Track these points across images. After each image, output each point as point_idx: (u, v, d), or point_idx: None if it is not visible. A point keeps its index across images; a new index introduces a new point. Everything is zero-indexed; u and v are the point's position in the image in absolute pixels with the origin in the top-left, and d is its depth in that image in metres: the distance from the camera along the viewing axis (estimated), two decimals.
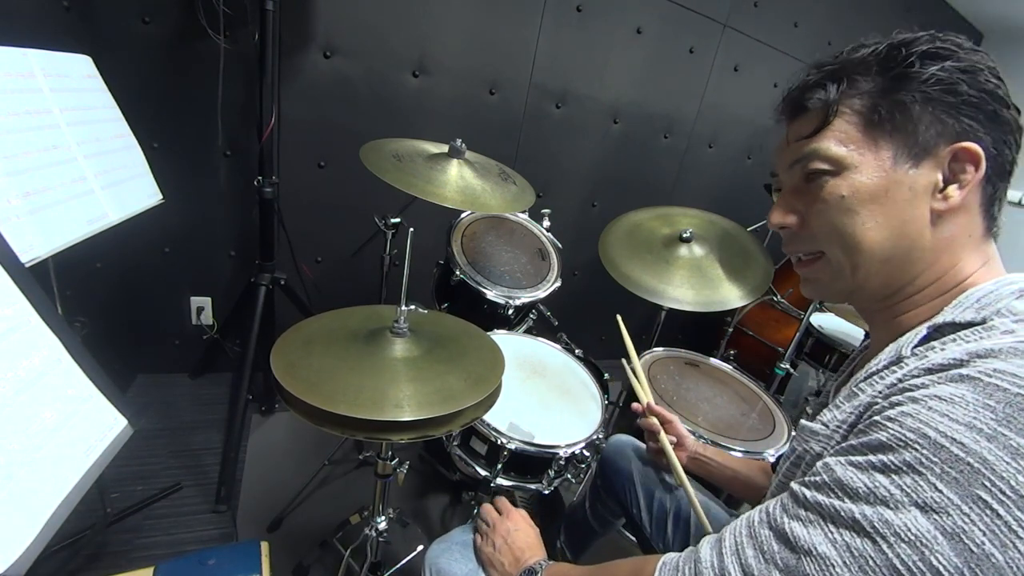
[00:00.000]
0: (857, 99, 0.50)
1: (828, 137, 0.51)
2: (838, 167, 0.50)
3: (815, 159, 0.52)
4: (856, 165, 0.50)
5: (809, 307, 1.69)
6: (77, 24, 1.29)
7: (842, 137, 0.50)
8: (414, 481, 1.59)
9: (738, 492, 0.94)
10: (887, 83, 0.49)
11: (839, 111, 0.50)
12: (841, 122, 0.50)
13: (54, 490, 0.60)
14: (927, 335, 0.47)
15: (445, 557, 0.80)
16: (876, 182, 0.49)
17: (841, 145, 0.50)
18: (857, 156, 0.50)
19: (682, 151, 2.27)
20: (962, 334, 0.44)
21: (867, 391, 0.47)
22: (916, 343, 0.47)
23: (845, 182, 0.50)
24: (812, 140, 0.52)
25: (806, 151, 0.52)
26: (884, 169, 0.49)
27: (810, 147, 0.52)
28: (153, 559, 0.76)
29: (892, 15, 2.39)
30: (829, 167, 0.51)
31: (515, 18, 1.75)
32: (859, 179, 0.49)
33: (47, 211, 0.85)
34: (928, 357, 0.44)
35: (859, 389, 0.48)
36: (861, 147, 0.50)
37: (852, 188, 0.50)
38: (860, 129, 0.50)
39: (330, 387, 0.71)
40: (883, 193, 0.49)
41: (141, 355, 1.76)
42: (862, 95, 0.50)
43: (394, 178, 1.04)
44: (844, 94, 0.50)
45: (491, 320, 1.41)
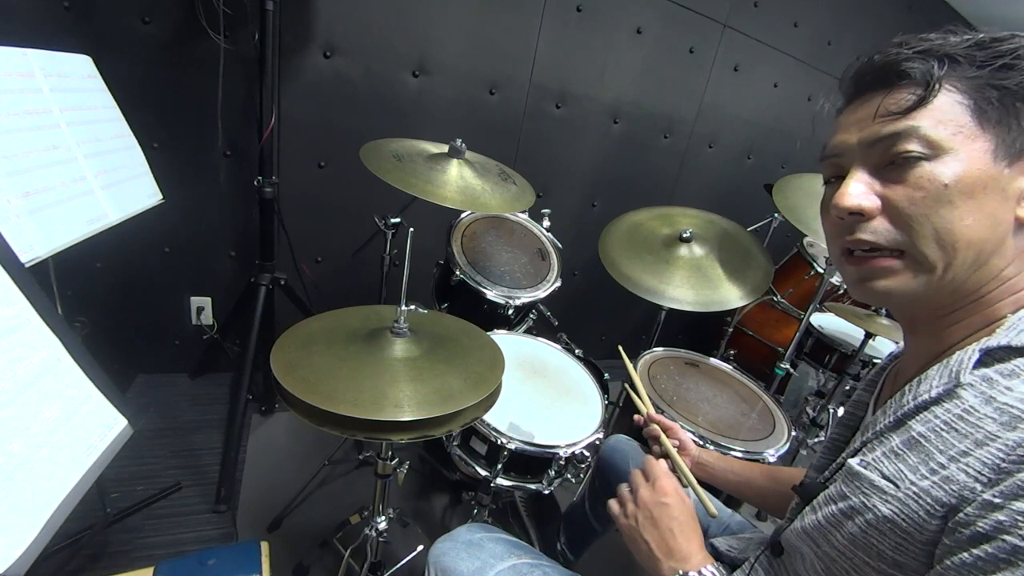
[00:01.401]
0: (960, 81, 0.45)
1: (929, 116, 0.45)
2: (936, 151, 0.45)
3: (912, 139, 0.45)
4: (957, 151, 0.44)
5: (809, 307, 1.69)
6: (77, 24, 1.29)
7: (943, 118, 0.45)
8: (414, 481, 1.59)
9: (740, 495, 0.93)
10: (995, 71, 0.44)
11: (942, 88, 0.45)
12: (945, 100, 0.45)
13: (54, 490, 0.60)
14: (980, 359, 0.44)
15: (450, 555, 0.79)
16: (977, 175, 0.44)
17: (943, 126, 0.44)
18: (958, 142, 0.44)
19: (682, 151, 2.27)
20: (1022, 364, 0.42)
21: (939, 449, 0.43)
22: (971, 368, 0.44)
23: (947, 169, 0.44)
24: (907, 117, 0.46)
25: (900, 128, 0.46)
26: (984, 162, 0.44)
27: (905, 124, 0.46)
28: (153, 559, 0.76)
29: (892, 15, 2.39)
30: (926, 150, 0.45)
31: (515, 18, 1.75)
32: (960, 168, 0.44)
33: (47, 211, 0.85)
34: (996, 401, 0.41)
35: (921, 436, 0.45)
36: (964, 132, 0.44)
37: (955, 176, 0.44)
38: (965, 112, 0.44)
39: (330, 387, 0.71)
40: (982, 188, 0.44)
41: (141, 355, 1.76)
42: (965, 78, 0.45)
43: (394, 178, 1.04)
44: (946, 73, 0.45)
45: (491, 320, 1.41)
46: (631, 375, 1.01)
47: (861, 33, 2.31)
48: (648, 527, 0.64)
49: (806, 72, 2.31)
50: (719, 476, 0.93)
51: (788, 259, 2.23)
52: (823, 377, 2.12)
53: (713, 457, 0.95)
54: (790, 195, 1.50)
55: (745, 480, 0.91)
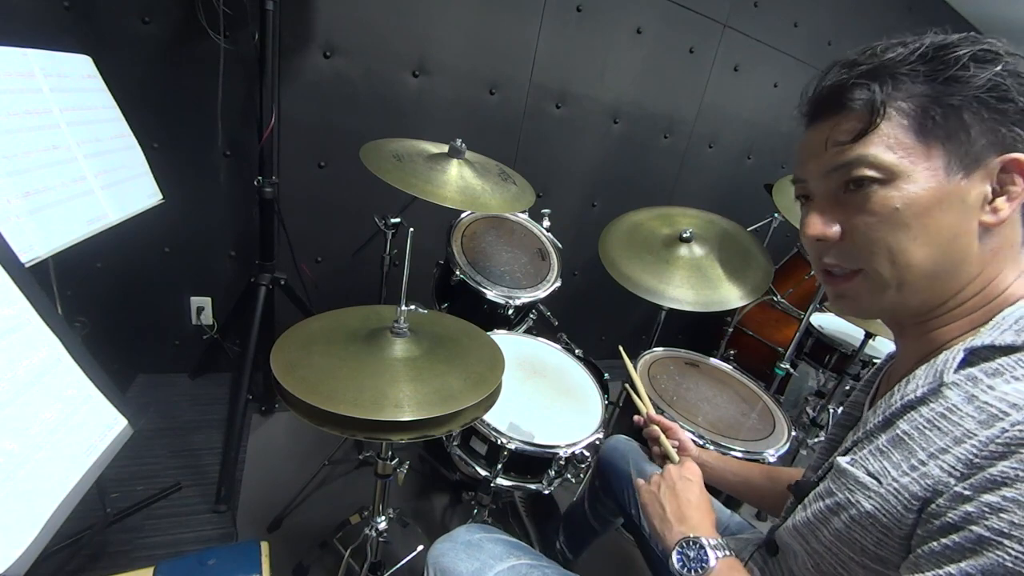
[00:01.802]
0: (905, 102, 0.45)
1: (875, 142, 0.46)
2: (888, 175, 0.46)
3: (862, 166, 0.47)
4: (908, 174, 0.45)
5: (809, 307, 1.69)
6: (77, 24, 1.29)
7: (891, 142, 0.46)
8: (414, 481, 1.59)
9: (739, 495, 0.93)
10: (938, 86, 0.45)
11: (886, 113, 0.46)
12: (889, 126, 0.46)
13: (54, 490, 0.60)
14: (965, 358, 0.45)
15: (449, 556, 0.80)
16: (930, 193, 0.45)
17: (891, 151, 0.46)
18: (908, 164, 0.45)
19: (682, 151, 2.27)
20: (1005, 363, 0.43)
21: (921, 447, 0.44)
22: (955, 367, 0.45)
23: (898, 192, 0.46)
24: (856, 145, 0.47)
25: (850, 157, 0.47)
26: (937, 179, 0.45)
27: (855, 153, 0.47)
28: (153, 559, 0.76)
29: (893, 15, 2.39)
30: (878, 175, 0.46)
31: (515, 18, 1.75)
32: (912, 189, 0.45)
33: (47, 211, 0.85)
34: (978, 399, 0.42)
35: (905, 435, 0.46)
36: (912, 154, 0.45)
37: (906, 199, 0.45)
38: (911, 134, 0.45)
39: (330, 387, 0.71)
40: (936, 205, 0.45)
41: (141, 355, 1.76)
42: (911, 97, 0.45)
43: (394, 178, 1.04)
44: (890, 95, 0.46)
45: (491, 320, 1.41)
46: (631, 375, 1.01)
47: (861, 33, 2.31)
48: (668, 495, 0.68)
49: (806, 72, 2.31)
50: (718, 476, 0.93)
51: (788, 259, 2.23)
52: (823, 377, 2.12)
53: (712, 457, 0.95)
54: (790, 195, 1.49)
55: (744, 480, 0.91)
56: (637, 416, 1.00)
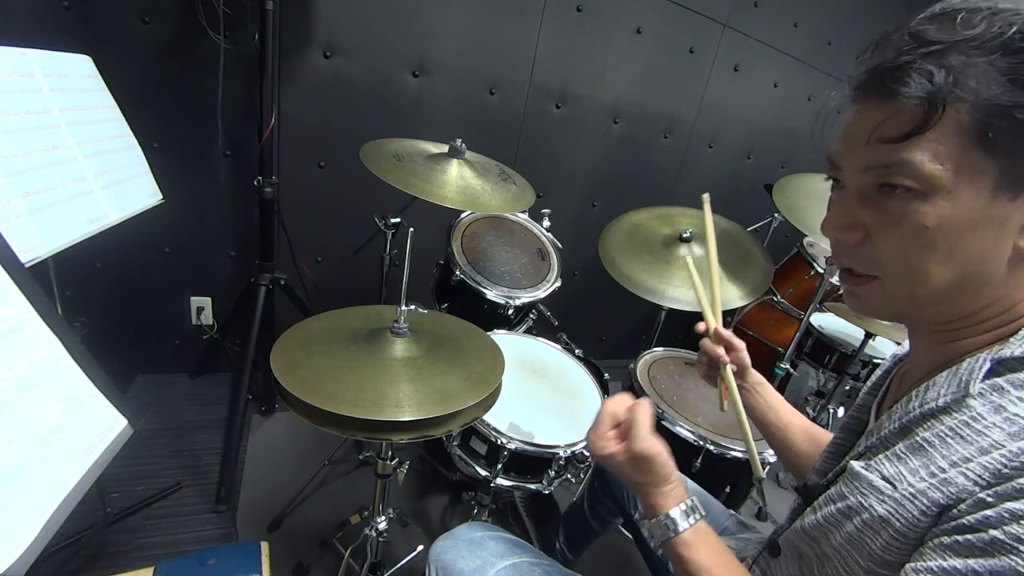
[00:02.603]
0: (969, 103, 0.38)
1: (923, 147, 0.40)
2: (928, 188, 0.40)
3: (902, 174, 0.41)
4: (949, 190, 0.40)
5: (809, 307, 1.69)
6: (77, 24, 1.29)
7: (940, 151, 0.39)
8: (414, 481, 1.59)
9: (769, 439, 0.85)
10: (1014, 91, 0.37)
11: (948, 110, 0.38)
12: (943, 129, 0.39)
13: (54, 490, 0.60)
14: (991, 368, 0.43)
15: (451, 553, 0.79)
16: (968, 215, 0.40)
17: (937, 161, 0.39)
18: (953, 178, 0.39)
19: (682, 151, 2.27)
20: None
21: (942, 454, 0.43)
22: (982, 378, 0.43)
23: (933, 210, 0.40)
24: (901, 147, 0.41)
25: (893, 160, 0.41)
26: (980, 200, 0.39)
27: (898, 156, 0.41)
28: (153, 559, 0.76)
29: (893, 15, 2.39)
30: (917, 186, 0.41)
31: (515, 18, 1.75)
32: (949, 209, 0.40)
33: (47, 211, 0.85)
34: (1006, 410, 0.40)
35: (925, 442, 0.44)
36: (960, 167, 0.39)
37: (940, 219, 0.40)
38: (963, 143, 0.39)
39: (330, 387, 0.71)
40: (971, 228, 0.40)
41: (141, 355, 1.76)
42: (976, 102, 0.38)
43: (394, 178, 1.04)
44: (953, 93, 0.38)
45: (491, 320, 1.41)
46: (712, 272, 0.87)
47: (861, 33, 2.31)
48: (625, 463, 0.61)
49: (806, 72, 2.31)
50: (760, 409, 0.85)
51: (788, 259, 2.23)
52: (823, 377, 2.12)
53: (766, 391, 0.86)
54: (790, 195, 1.50)
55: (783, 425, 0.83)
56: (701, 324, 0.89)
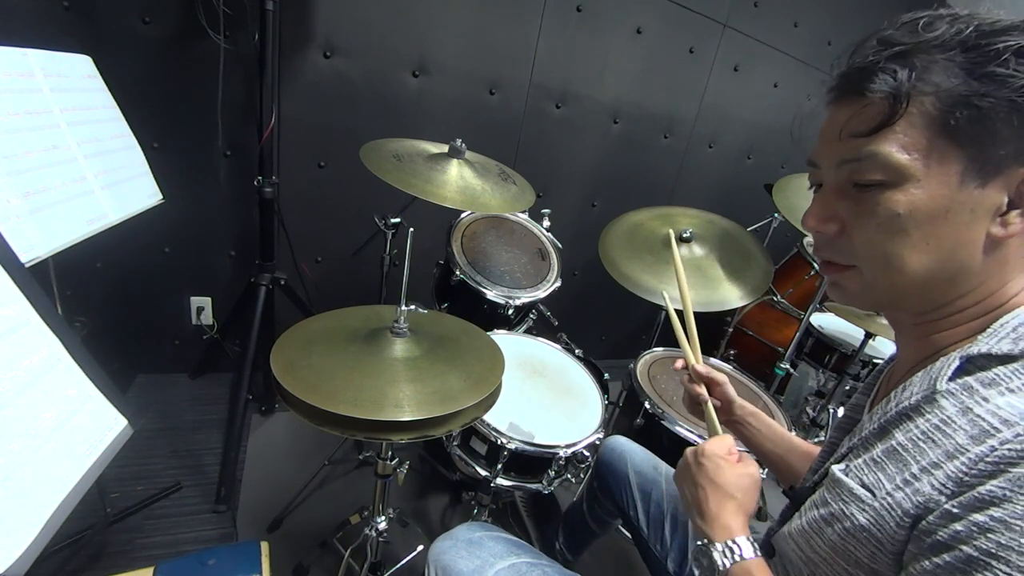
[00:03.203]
0: (931, 96, 0.41)
1: (890, 139, 0.43)
2: (897, 178, 0.43)
3: (872, 166, 0.44)
4: (919, 178, 0.42)
5: (809, 307, 1.69)
6: (77, 24, 1.29)
7: (906, 142, 0.42)
8: (414, 481, 1.59)
9: (771, 466, 0.84)
10: (971, 82, 0.40)
11: (907, 109, 0.42)
12: (909, 122, 0.42)
13: (54, 490, 0.60)
14: (960, 366, 0.44)
15: (450, 554, 0.79)
16: (938, 202, 0.42)
17: (904, 151, 0.42)
18: (921, 167, 0.42)
19: (682, 151, 2.27)
20: (1001, 373, 0.41)
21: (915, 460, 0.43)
22: (950, 376, 0.44)
23: (904, 197, 0.43)
24: (871, 140, 0.44)
25: (863, 153, 0.44)
26: (949, 186, 0.42)
27: (868, 149, 0.44)
28: (153, 559, 0.76)
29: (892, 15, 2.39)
30: (887, 177, 0.43)
31: (515, 18, 1.75)
32: (920, 196, 0.43)
33: (47, 211, 0.85)
34: (971, 412, 0.41)
35: (900, 446, 0.45)
36: (927, 156, 0.42)
37: (911, 206, 0.43)
38: (929, 134, 0.42)
39: (330, 387, 0.71)
40: (943, 214, 0.42)
41: (141, 355, 1.76)
42: (938, 93, 0.41)
43: (394, 178, 1.04)
44: (916, 88, 0.41)
45: (491, 320, 1.41)
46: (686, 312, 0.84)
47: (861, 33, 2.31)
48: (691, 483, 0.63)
49: (806, 72, 2.31)
50: (755, 439, 0.84)
51: (788, 259, 2.23)
52: (823, 377, 2.12)
53: (758, 420, 0.84)
54: (790, 195, 1.50)
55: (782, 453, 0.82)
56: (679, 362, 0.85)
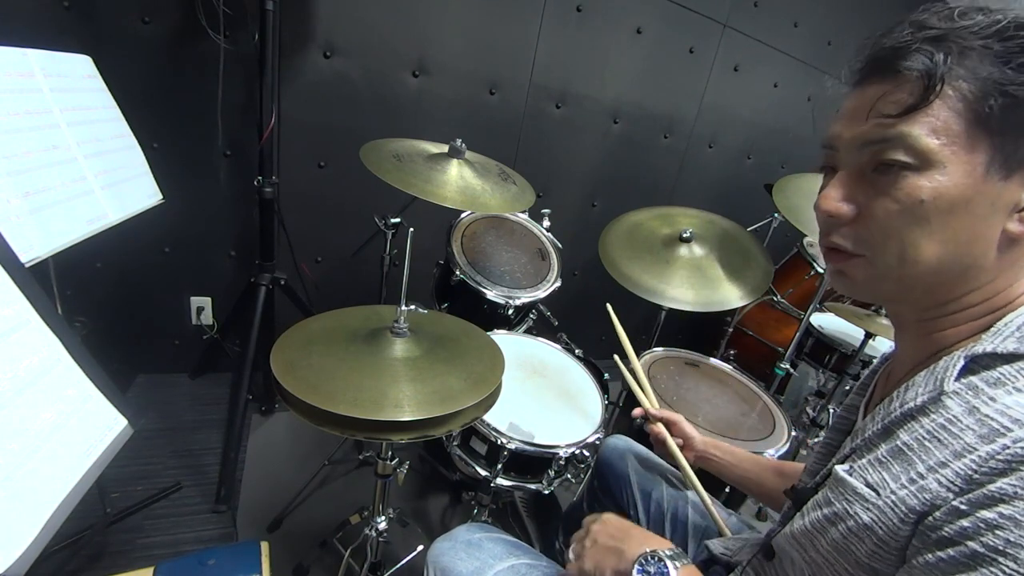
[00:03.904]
0: (966, 82, 0.40)
1: (921, 122, 0.41)
2: (923, 163, 0.42)
3: (900, 148, 0.42)
4: (945, 164, 0.41)
5: (809, 307, 1.69)
6: (77, 24, 1.29)
7: (938, 125, 0.41)
8: (414, 481, 1.59)
9: (745, 489, 0.90)
10: (1006, 71, 0.39)
11: (942, 91, 0.41)
12: (941, 106, 0.41)
13: (54, 490, 0.60)
14: (965, 366, 0.43)
15: (449, 555, 0.79)
16: (961, 191, 0.41)
17: (934, 136, 0.41)
18: (949, 154, 0.41)
19: (682, 151, 2.27)
20: (1007, 372, 0.41)
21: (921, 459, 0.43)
22: (955, 376, 0.43)
23: (929, 183, 0.42)
24: (900, 121, 0.42)
25: (890, 134, 0.43)
26: (973, 176, 0.41)
27: (896, 130, 0.42)
28: (153, 559, 0.76)
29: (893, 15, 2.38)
30: (913, 160, 0.42)
31: (515, 18, 1.75)
32: (944, 183, 0.41)
33: (47, 211, 0.85)
34: (978, 412, 0.41)
35: (905, 446, 0.44)
36: (956, 143, 0.41)
37: (935, 193, 0.41)
38: (961, 120, 0.41)
39: (330, 387, 0.71)
40: (963, 204, 0.41)
41: (141, 355, 1.76)
42: (974, 78, 0.40)
43: (394, 178, 1.04)
44: (952, 71, 0.40)
45: (491, 320, 1.41)
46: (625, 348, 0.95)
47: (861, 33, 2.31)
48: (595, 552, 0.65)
49: (806, 72, 2.31)
50: (727, 470, 0.90)
51: (788, 259, 2.23)
52: (823, 377, 2.12)
53: (720, 450, 0.91)
54: (790, 195, 1.50)
55: (755, 477, 0.88)
56: (637, 409, 0.96)
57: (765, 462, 0.90)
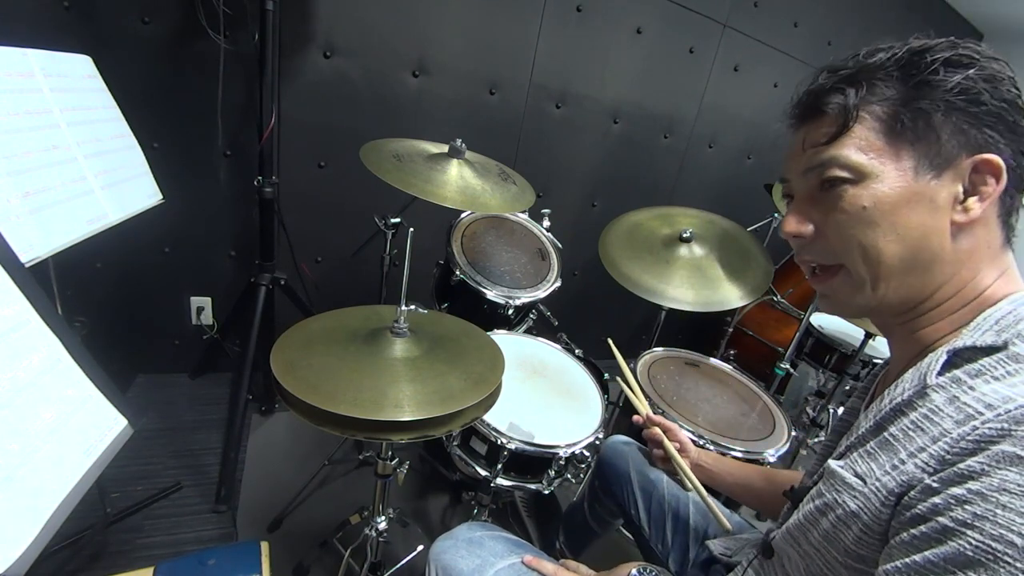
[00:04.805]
0: (878, 106, 0.48)
1: (847, 144, 0.49)
2: (858, 176, 0.49)
3: (833, 166, 0.50)
4: (877, 174, 0.48)
5: (809, 307, 1.69)
6: (77, 24, 1.29)
7: (862, 144, 0.49)
8: (414, 481, 1.59)
9: (737, 497, 0.94)
10: (909, 90, 0.47)
11: (859, 117, 0.49)
12: (861, 129, 0.49)
13: (54, 490, 0.60)
14: (948, 360, 0.47)
15: (450, 553, 0.80)
16: (898, 192, 0.47)
17: (861, 153, 0.49)
18: (878, 165, 0.48)
19: (682, 151, 2.27)
20: (986, 363, 0.44)
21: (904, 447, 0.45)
22: (939, 370, 0.46)
23: (867, 192, 0.48)
24: (830, 147, 0.50)
25: (824, 158, 0.50)
26: (906, 179, 0.47)
27: (828, 154, 0.50)
28: (153, 559, 0.76)
29: (892, 15, 2.39)
30: (849, 175, 0.49)
31: (515, 18, 1.75)
32: (881, 189, 0.48)
33: (47, 211, 0.85)
34: (958, 400, 0.43)
35: (892, 437, 0.47)
36: (882, 155, 0.48)
37: (874, 198, 0.48)
38: (881, 137, 0.48)
39: (330, 387, 0.71)
40: (904, 204, 0.47)
41: (141, 355, 1.76)
42: (883, 102, 0.48)
43: (394, 178, 1.04)
44: (864, 100, 0.49)
45: (491, 320, 1.41)
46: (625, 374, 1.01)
47: (861, 33, 2.31)
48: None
49: (806, 72, 2.28)
50: (717, 478, 0.93)
51: (788, 259, 2.23)
52: (823, 377, 2.12)
53: (712, 459, 0.95)
54: None
55: (742, 482, 0.91)
56: (636, 416, 1.00)
57: (754, 469, 0.93)
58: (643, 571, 0.71)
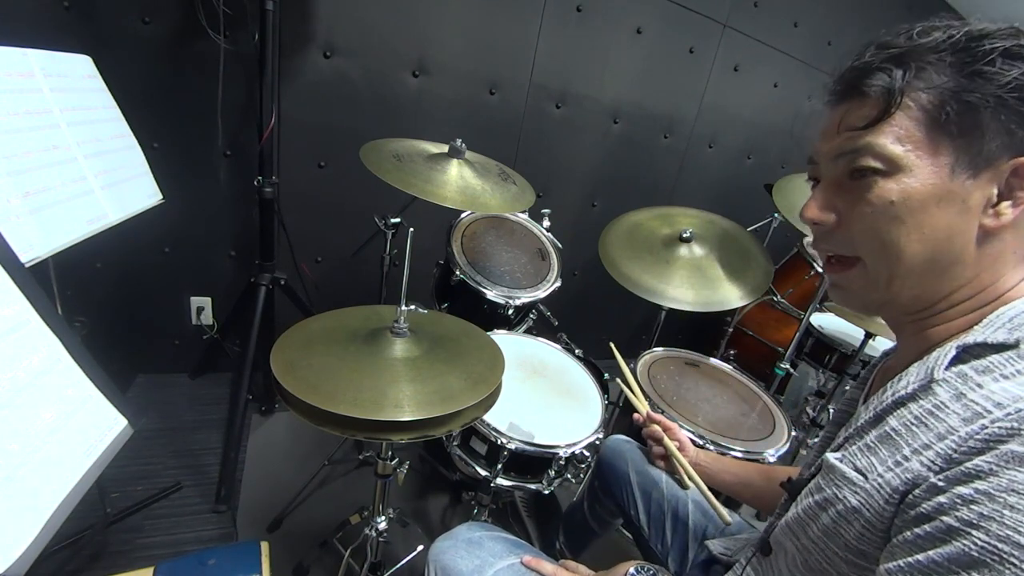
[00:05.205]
0: (924, 93, 0.44)
1: (886, 132, 0.45)
2: (892, 168, 0.46)
3: (867, 155, 0.46)
4: (911, 168, 0.45)
5: (809, 307, 1.69)
6: (77, 24, 1.29)
7: (901, 134, 0.45)
8: (414, 481, 1.59)
9: (737, 496, 0.94)
10: (960, 80, 0.43)
11: (902, 103, 0.45)
12: (902, 117, 0.45)
13: (54, 490, 0.60)
14: (957, 355, 0.45)
15: (450, 553, 0.80)
16: (929, 190, 0.44)
17: (899, 143, 0.45)
18: (914, 158, 0.45)
19: (682, 151, 2.27)
20: (995, 361, 0.42)
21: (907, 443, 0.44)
22: (946, 365, 0.45)
23: (897, 186, 0.45)
24: (867, 133, 0.46)
25: (859, 144, 0.47)
26: (940, 176, 0.44)
27: (864, 140, 0.47)
28: (153, 559, 0.76)
29: (892, 15, 2.39)
30: (881, 166, 0.46)
31: (515, 18, 1.75)
32: (912, 184, 0.45)
33: (47, 211, 0.85)
34: (965, 397, 0.42)
35: (893, 430, 0.46)
36: (920, 148, 0.45)
37: (904, 194, 0.45)
38: (922, 128, 0.44)
39: (330, 387, 0.71)
40: (934, 203, 0.45)
41: (141, 355, 1.76)
42: (931, 89, 0.44)
43: (394, 178, 1.04)
44: (910, 85, 0.44)
45: (491, 320, 1.41)
46: (625, 374, 1.01)
47: (861, 33, 2.31)
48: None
49: (806, 72, 2.31)
50: (716, 477, 0.93)
51: (788, 259, 2.23)
52: (823, 377, 2.12)
53: (710, 458, 0.95)
54: (790, 195, 1.50)
55: (742, 480, 0.91)
56: (636, 415, 1.00)
57: (753, 467, 0.93)
58: (641, 570, 0.72)
